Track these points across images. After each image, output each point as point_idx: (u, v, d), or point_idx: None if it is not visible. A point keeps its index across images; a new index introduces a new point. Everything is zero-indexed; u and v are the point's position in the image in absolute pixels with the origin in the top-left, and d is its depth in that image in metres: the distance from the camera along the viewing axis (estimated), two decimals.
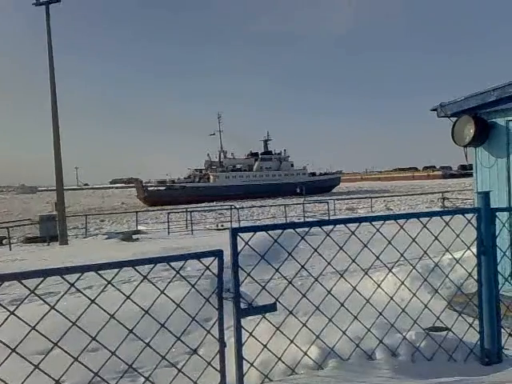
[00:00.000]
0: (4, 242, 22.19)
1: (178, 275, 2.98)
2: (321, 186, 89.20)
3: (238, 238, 3.09)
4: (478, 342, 3.82)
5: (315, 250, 3.45)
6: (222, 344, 3.04)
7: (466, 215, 3.83)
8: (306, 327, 3.48)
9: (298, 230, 3.53)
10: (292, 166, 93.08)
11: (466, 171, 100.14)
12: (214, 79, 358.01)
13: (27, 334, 2.53)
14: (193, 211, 26.89)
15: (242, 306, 3.06)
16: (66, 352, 2.65)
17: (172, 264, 2.97)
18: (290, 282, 3.47)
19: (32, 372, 2.53)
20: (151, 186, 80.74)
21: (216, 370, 3.06)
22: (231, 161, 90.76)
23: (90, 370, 2.74)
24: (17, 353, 2.47)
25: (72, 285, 2.64)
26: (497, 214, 3.80)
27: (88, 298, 2.78)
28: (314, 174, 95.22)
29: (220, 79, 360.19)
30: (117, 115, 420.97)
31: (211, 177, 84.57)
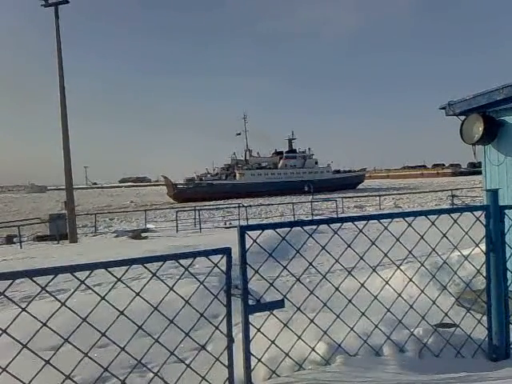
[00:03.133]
0: (15, 240, 22.43)
1: (186, 272, 3.01)
2: (348, 182, 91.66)
3: (246, 235, 3.11)
4: (486, 339, 3.81)
5: (323, 248, 3.46)
6: (230, 340, 3.07)
7: (474, 213, 3.83)
8: (314, 323, 3.49)
9: (306, 227, 3.54)
10: (316, 163, 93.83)
11: (475, 169, 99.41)
12: (228, 79, 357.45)
13: (38, 330, 2.57)
14: (201, 209, 26.97)
15: (250, 302, 3.08)
16: (76, 348, 2.69)
17: (181, 261, 3.00)
18: (298, 279, 3.48)
19: (43, 367, 2.57)
20: (180, 184, 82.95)
21: (224, 365, 3.08)
22: (256, 159, 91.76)
23: (100, 366, 2.77)
24: (28, 348, 2.51)
25: (82, 282, 2.67)
26: (505, 211, 3.79)
27: (98, 294, 2.81)
28: (338, 172, 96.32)
29: (236, 78, 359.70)
30: (126, 115, 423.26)
31: (237, 174, 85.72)
